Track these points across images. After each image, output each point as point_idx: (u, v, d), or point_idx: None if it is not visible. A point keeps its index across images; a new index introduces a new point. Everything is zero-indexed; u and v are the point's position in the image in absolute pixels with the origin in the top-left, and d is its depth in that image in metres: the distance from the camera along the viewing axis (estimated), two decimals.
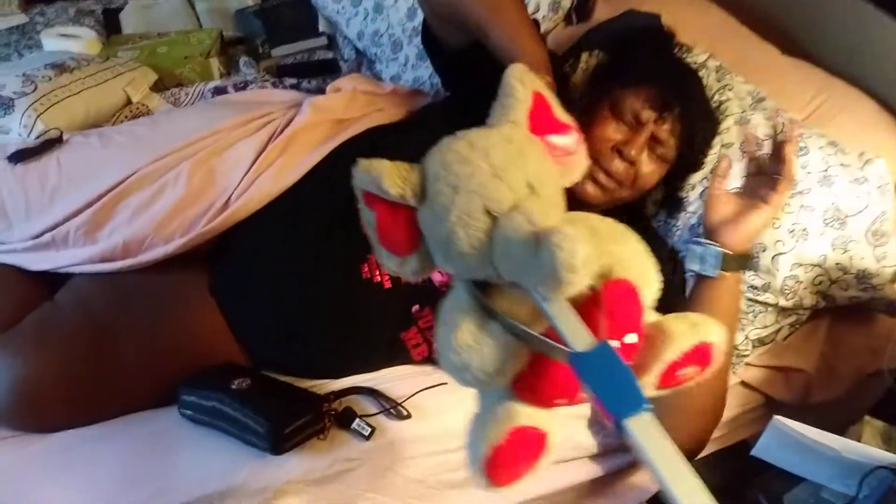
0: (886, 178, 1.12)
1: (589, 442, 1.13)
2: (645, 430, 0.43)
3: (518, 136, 0.58)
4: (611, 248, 0.55)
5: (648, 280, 0.56)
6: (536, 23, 1.19)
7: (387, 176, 0.57)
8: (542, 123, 0.61)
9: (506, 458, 0.54)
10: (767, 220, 1.03)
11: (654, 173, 1.08)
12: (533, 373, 0.54)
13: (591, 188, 1.06)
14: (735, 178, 1.12)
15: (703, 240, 1.05)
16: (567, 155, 0.62)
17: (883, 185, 1.11)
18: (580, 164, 0.64)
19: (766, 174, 1.07)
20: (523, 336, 0.52)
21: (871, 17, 1.23)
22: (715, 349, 0.58)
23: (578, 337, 0.48)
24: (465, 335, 0.54)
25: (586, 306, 0.50)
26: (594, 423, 1.13)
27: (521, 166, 0.55)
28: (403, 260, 0.61)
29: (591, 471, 1.17)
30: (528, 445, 0.55)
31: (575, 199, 1.05)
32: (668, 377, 0.57)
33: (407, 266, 0.61)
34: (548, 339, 0.50)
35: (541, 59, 0.96)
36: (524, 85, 0.60)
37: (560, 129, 0.62)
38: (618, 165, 1.05)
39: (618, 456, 1.18)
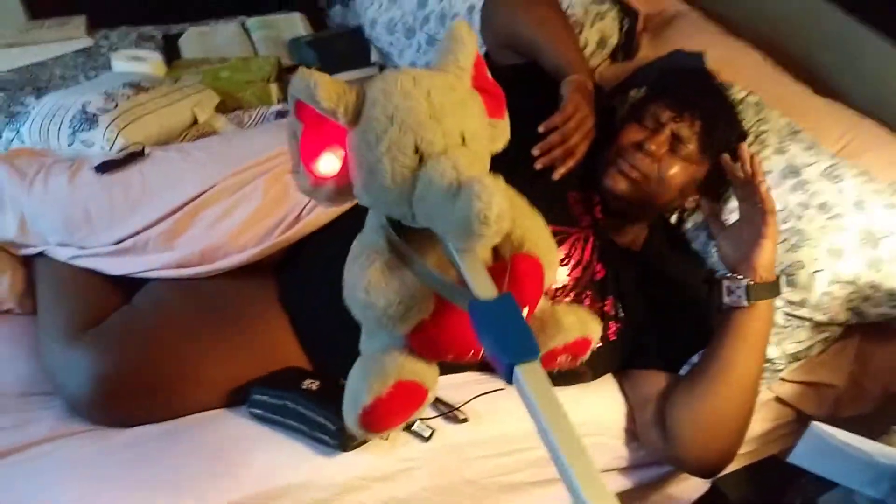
0: None
1: (625, 454, 1.19)
2: (533, 377, 0.44)
3: (461, 86, 0.58)
4: (525, 222, 0.59)
5: (552, 263, 0.58)
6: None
7: (322, 87, 0.55)
8: (480, 81, 0.61)
9: (385, 409, 0.56)
10: (772, 249, 1.08)
11: (678, 174, 1.16)
12: (434, 323, 0.55)
13: (619, 179, 1.16)
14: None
15: (728, 274, 1.09)
16: (496, 122, 0.63)
17: None
18: (505, 133, 0.64)
19: (748, 201, 1.11)
20: (431, 280, 0.52)
21: None
22: (592, 345, 0.62)
23: (482, 285, 0.49)
24: (376, 274, 0.55)
25: (492, 273, 0.52)
26: (632, 439, 1.19)
27: (460, 115, 0.55)
28: (320, 181, 0.58)
29: (622, 483, 1.22)
30: (408, 399, 0.57)
31: (611, 197, 1.17)
32: (548, 361, 0.60)
33: (322, 190, 0.59)
34: (455, 284, 0.51)
35: (587, 68, 1.08)
36: (472, 37, 0.60)
37: (494, 90, 0.63)
38: (641, 159, 1.14)
39: (650, 468, 1.23)
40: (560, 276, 1.15)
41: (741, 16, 1.61)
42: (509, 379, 0.46)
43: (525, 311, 0.54)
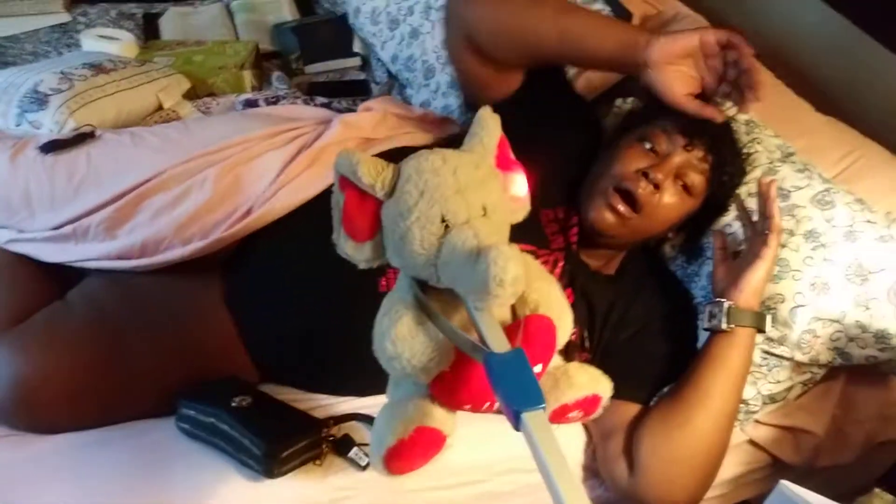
0: None
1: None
2: (538, 425, 0.49)
3: (485, 164, 0.66)
4: (540, 285, 0.64)
5: (565, 325, 0.65)
6: None
7: (363, 165, 0.63)
8: (503, 161, 0.70)
9: (407, 452, 0.62)
10: (765, 273, 1.04)
11: (675, 206, 1.08)
12: (454, 375, 0.62)
13: (608, 215, 1.07)
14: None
15: (714, 299, 1.06)
16: (517, 197, 0.70)
17: None
18: (525, 209, 0.72)
19: (759, 232, 1.08)
20: (452, 335, 0.59)
21: None
22: (603, 402, 0.68)
23: (497, 341, 0.55)
24: (403, 328, 0.61)
25: (508, 331, 0.58)
26: (590, 475, 1.13)
27: (482, 191, 0.63)
28: (360, 245, 0.67)
29: None
30: (429, 444, 0.63)
31: (592, 230, 1.07)
32: (558, 415, 0.66)
33: (361, 252, 0.67)
34: (471, 339, 0.57)
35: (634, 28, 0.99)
36: (496, 122, 0.69)
37: (517, 170, 0.71)
38: (644, 187, 1.05)
39: None
40: None
41: (745, 22, 1.53)
42: (517, 426, 0.50)
43: (539, 367, 0.60)
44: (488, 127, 0.68)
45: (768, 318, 1.05)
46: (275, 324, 1.07)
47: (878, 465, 1.22)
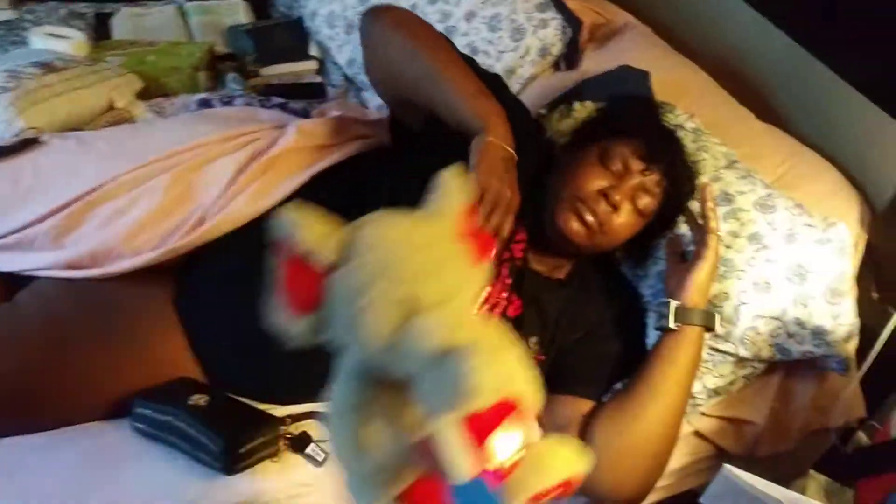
0: (847, 240, 1.16)
1: None
2: None
3: (451, 236, 0.59)
4: (504, 363, 0.55)
5: (532, 399, 0.56)
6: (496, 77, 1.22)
7: (303, 227, 0.56)
8: (469, 225, 0.63)
9: None
10: (707, 272, 1.07)
11: (627, 226, 1.11)
12: (424, 486, 0.56)
13: (575, 224, 1.09)
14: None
15: (663, 299, 1.09)
16: (483, 267, 0.64)
17: (843, 247, 1.15)
18: (487, 274, 0.65)
19: (700, 234, 1.11)
20: (400, 454, 0.53)
21: (844, 92, 1.29)
22: (578, 482, 0.62)
23: (460, 464, 0.49)
24: (359, 439, 0.55)
25: (469, 418, 0.50)
26: None
27: (448, 270, 0.56)
28: (294, 318, 0.58)
29: None
30: None
31: (558, 236, 1.10)
32: (537, 499, 0.60)
33: (295, 326, 0.59)
34: (435, 460, 0.50)
35: (496, 112, 1.00)
36: (462, 186, 0.62)
37: (480, 234, 0.65)
38: (604, 208, 1.08)
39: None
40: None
41: (692, 32, 1.58)
42: None
43: (518, 452, 0.55)
44: (453, 191, 0.62)
45: (717, 317, 1.09)
46: (221, 333, 1.05)
47: (813, 452, 1.26)
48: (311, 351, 0.61)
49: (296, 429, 1.02)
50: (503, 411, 0.52)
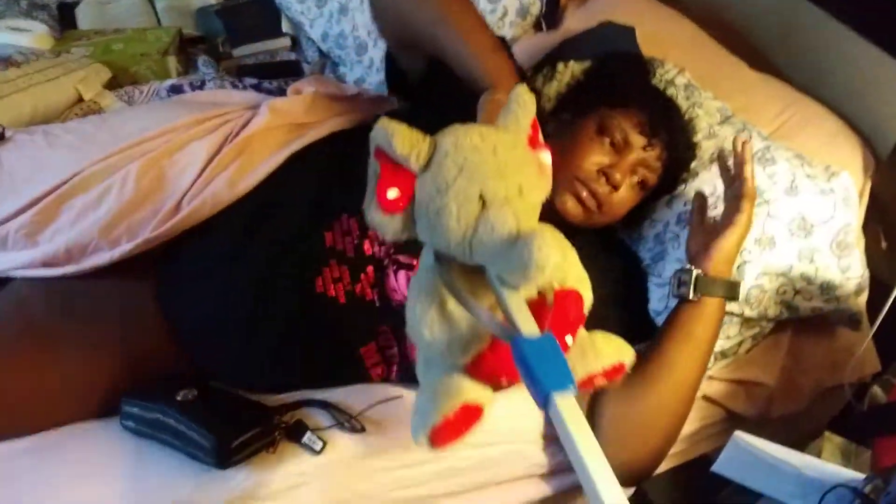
0: (851, 190, 1.12)
1: (542, 460, 1.11)
2: (567, 405, 0.50)
3: (521, 144, 0.67)
4: (566, 251, 0.63)
5: (588, 297, 0.67)
6: (502, 40, 1.16)
7: (398, 136, 0.63)
8: (534, 140, 0.71)
9: (450, 428, 0.63)
10: (737, 240, 1.01)
11: (627, 200, 1.09)
12: (491, 352, 0.63)
13: (572, 205, 1.07)
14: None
15: (685, 266, 1.03)
16: (546, 176, 0.71)
17: (848, 196, 1.12)
18: (549, 185, 0.71)
19: (732, 196, 1.05)
20: (480, 317, 0.59)
21: (839, 35, 1.24)
22: (627, 368, 0.69)
23: (526, 323, 0.57)
24: (436, 315, 0.63)
25: (533, 305, 0.59)
26: (549, 443, 1.11)
27: (519, 171, 0.63)
28: (390, 217, 0.66)
29: (541, 490, 1.15)
30: (470, 419, 0.64)
31: (554, 213, 1.06)
32: (586, 385, 0.67)
33: (390, 224, 0.67)
34: (499, 322, 0.58)
35: (509, 71, 0.94)
36: (532, 100, 0.69)
37: (545, 149, 0.72)
38: (604, 188, 1.05)
39: (570, 474, 1.15)
40: None
41: None
42: (544, 406, 0.52)
43: (570, 339, 0.63)
44: (525, 105, 0.68)
45: (742, 287, 1.03)
46: (206, 323, 1.02)
47: (827, 411, 1.24)
48: (297, 340, 0.61)
49: (290, 418, 1.00)
50: (570, 297, 0.63)
